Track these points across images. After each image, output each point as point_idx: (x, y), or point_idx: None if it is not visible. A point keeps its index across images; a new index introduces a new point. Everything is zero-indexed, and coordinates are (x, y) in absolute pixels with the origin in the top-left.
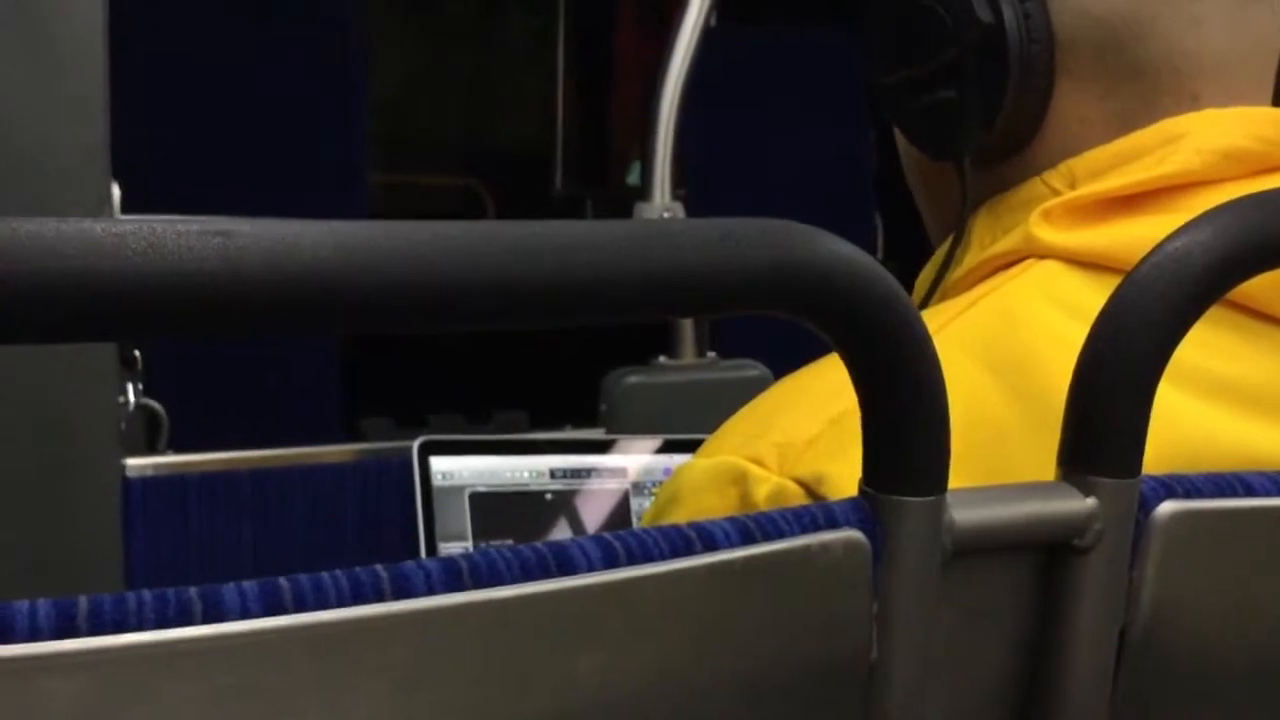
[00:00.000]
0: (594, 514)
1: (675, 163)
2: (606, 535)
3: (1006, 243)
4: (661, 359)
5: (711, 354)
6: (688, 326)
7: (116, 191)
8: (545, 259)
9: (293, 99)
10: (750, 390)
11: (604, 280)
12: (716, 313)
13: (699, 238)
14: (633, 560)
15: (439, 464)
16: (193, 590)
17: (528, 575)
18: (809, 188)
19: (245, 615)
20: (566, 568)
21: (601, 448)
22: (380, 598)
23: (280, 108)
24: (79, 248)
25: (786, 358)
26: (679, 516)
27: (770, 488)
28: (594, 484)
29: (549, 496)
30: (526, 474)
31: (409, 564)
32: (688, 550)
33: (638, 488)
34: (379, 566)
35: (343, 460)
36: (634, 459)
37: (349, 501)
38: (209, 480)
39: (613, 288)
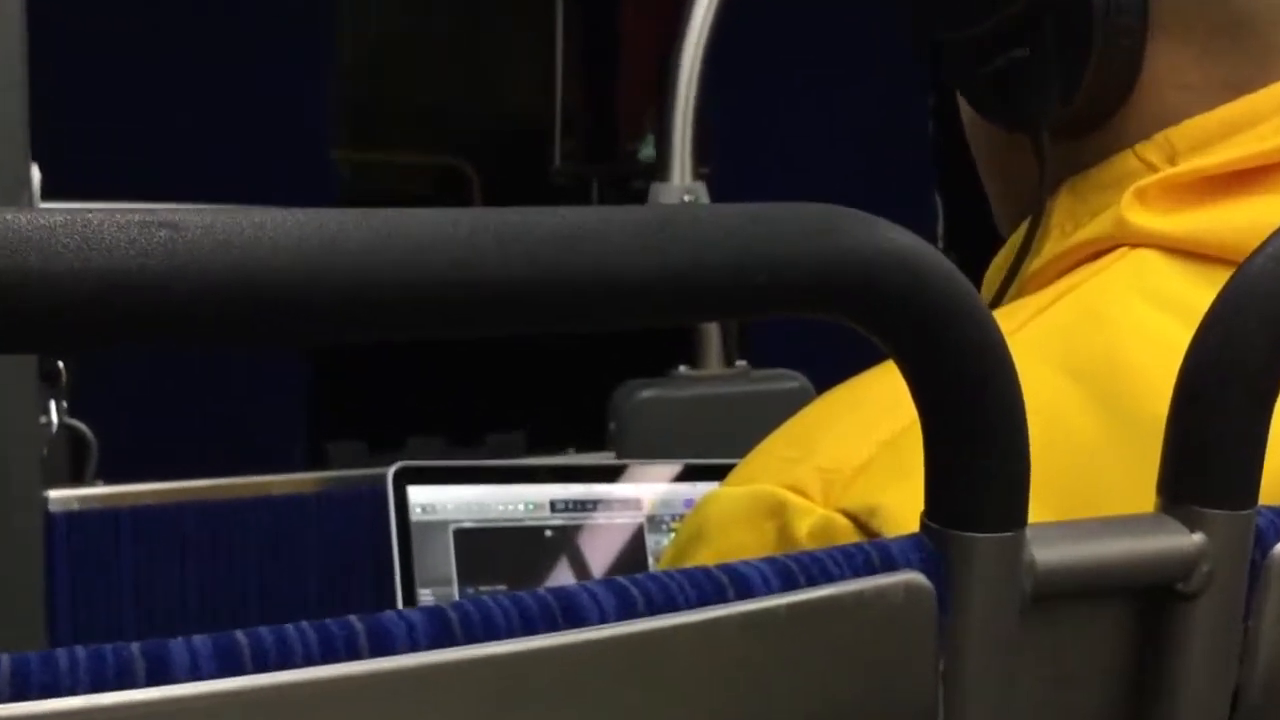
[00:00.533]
0: (603, 554)
1: (697, 135)
2: (621, 580)
3: (1092, 229)
4: (682, 369)
5: (742, 363)
6: (713, 331)
7: (36, 174)
8: (542, 252)
9: (246, 63)
10: (788, 406)
11: (613, 277)
12: (748, 315)
13: (726, 225)
14: (653, 609)
15: (418, 495)
16: (134, 647)
17: (529, 627)
18: (855, 165)
19: (197, 676)
20: (575, 618)
21: (611, 475)
22: (355, 654)
23: (231, 74)
24: None
25: (831, 367)
26: (706, 557)
27: (814, 522)
28: (602, 518)
29: (549, 534)
30: (522, 507)
31: (388, 614)
32: (718, 597)
33: (654, 523)
34: (353, 618)
35: (305, 491)
36: (649, 488)
37: (312, 540)
38: (145, 515)
39: (623, 286)
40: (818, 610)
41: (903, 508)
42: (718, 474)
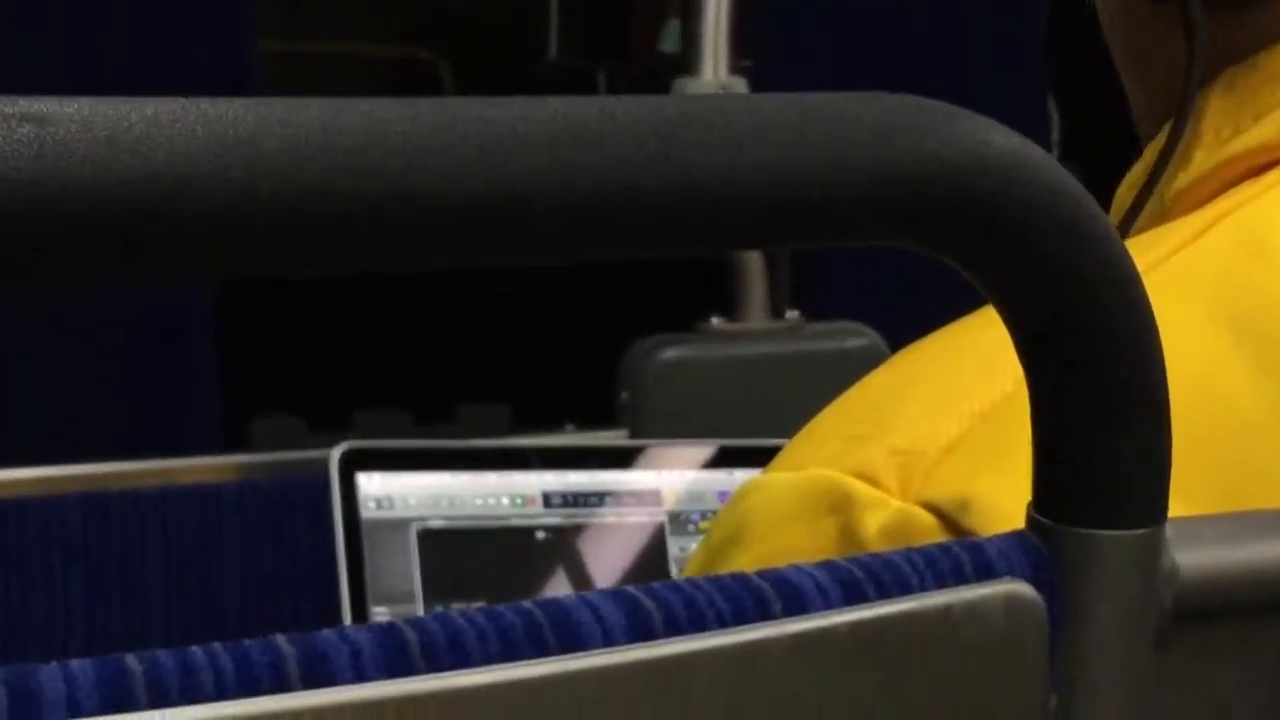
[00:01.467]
0: (611, 563)
1: (734, 19)
2: (633, 590)
3: (1257, 134)
4: (715, 322)
5: (794, 314)
6: (755, 272)
7: None
8: (514, 158)
9: None
10: (854, 368)
11: (623, 192)
12: (801, 241)
13: (773, 121)
14: (675, 629)
15: (371, 485)
16: None
17: (511, 652)
18: (942, 55)
19: (75, 713)
20: (572, 640)
21: (621, 460)
22: (282, 685)
23: None
24: None
25: (908, 319)
26: (745, 562)
27: (888, 518)
28: (610, 517)
29: (541, 536)
30: (506, 501)
31: (327, 634)
32: (761, 613)
33: (678, 522)
34: (281, 638)
35: (223, 479)
36: (672, 477)
37: (230, 540)
38: (18, 508)
39: (636, 204)
40: (890, 631)
41: (1003, 499)
42: (761, 458)
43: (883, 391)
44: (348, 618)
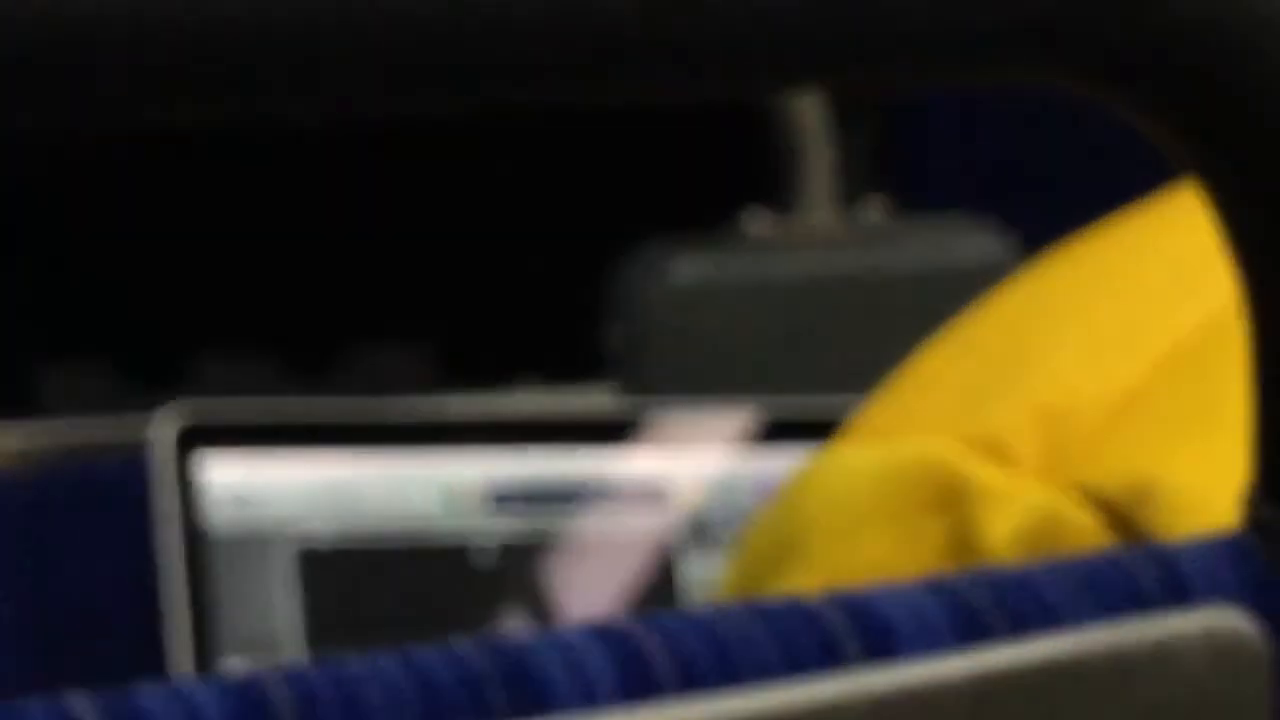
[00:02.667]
0: (591, 596)
1: None
2: (624, 625)
3: None
4: (754, 217)
5: (876, 204)
6: (816, 135)
7: None
8: None
9: None
10: (969, 287)
11: None
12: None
13: None
14: (689, 681)
15: (225, 475)
16: None
17: (432, 714)
18: None
19: None
20: (532, 699)
21: (609, 434)
22: None
23: None
24: None
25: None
26: (806, 580)
27: (1025, 513)
28: (591, 524)
29: (482, 555)
30: (434, 501)
31: (147, 692)
32: (827, 659)
33: (697, 531)
34: (75, 697)
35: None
36: (688, 460)
37: (5, 552)
38: None
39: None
40: (1031, 688)
41: (1203, 482)
42: (825, 431)
43: (1018, 321)
44: (185, 669)
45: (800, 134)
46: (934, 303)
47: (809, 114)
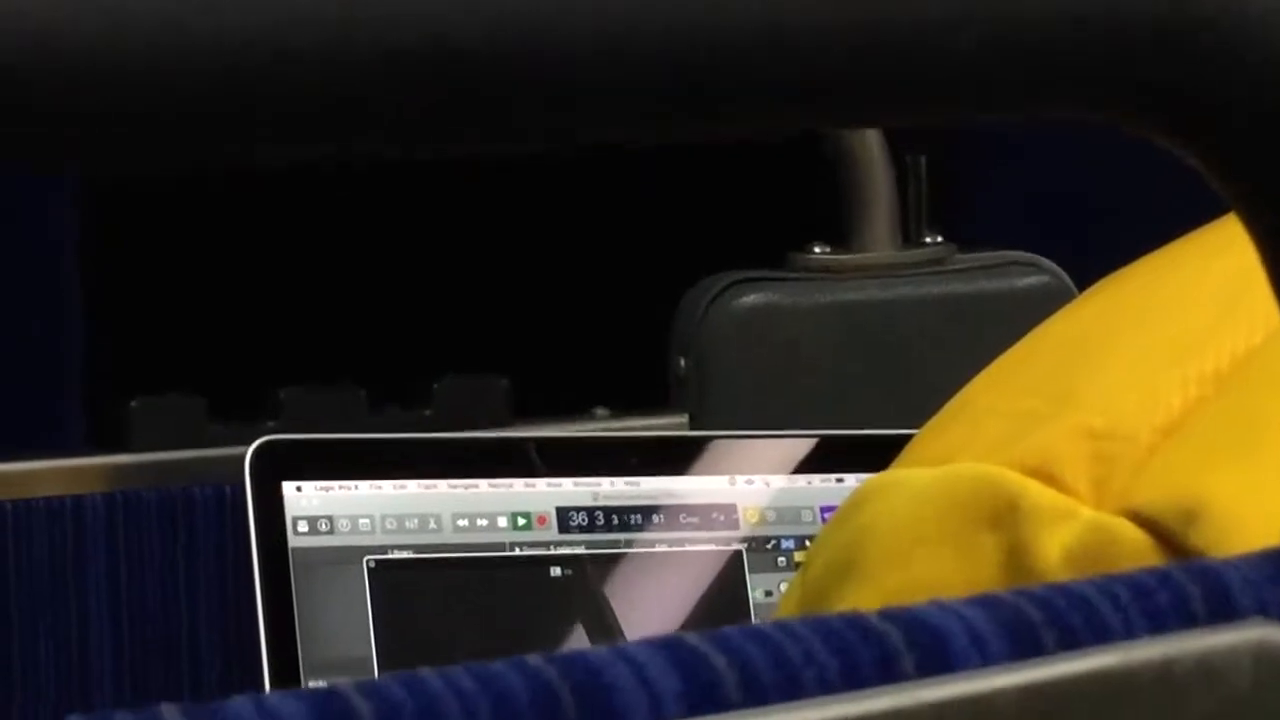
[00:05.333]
0: (661, 613)
1: None
2: (692, 640)
3: None
4: (817, 250)
5: (935, 239)
6: (878, 173)
7: None
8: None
9: None
10: (1024, 317)
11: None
12: (948, 112)
13: None
14: (755, 695)
15: (302, 498)
16: None
17: None
18: None
19: None
20: (601, 714)
21: (677, 459)
22: None
23: None
24: None
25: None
26: (863, 601)
27: (1077, 533)
28: (659, 544)
29: (555, 573)
30: (504, 521)
31: (238, 704)
32: (885, 671)
33: (762, 551)
34: (171, 709)
35: (84, 490)
36: (754, 484)
37: (99, 574)
38: None
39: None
40: (1080, 700)
41: (1252, 504)
42: (885, 454)
43: (1067, 348)
44: (268, 686)
45: (860, 170)
46: (986, 333)
47: (868, 150)
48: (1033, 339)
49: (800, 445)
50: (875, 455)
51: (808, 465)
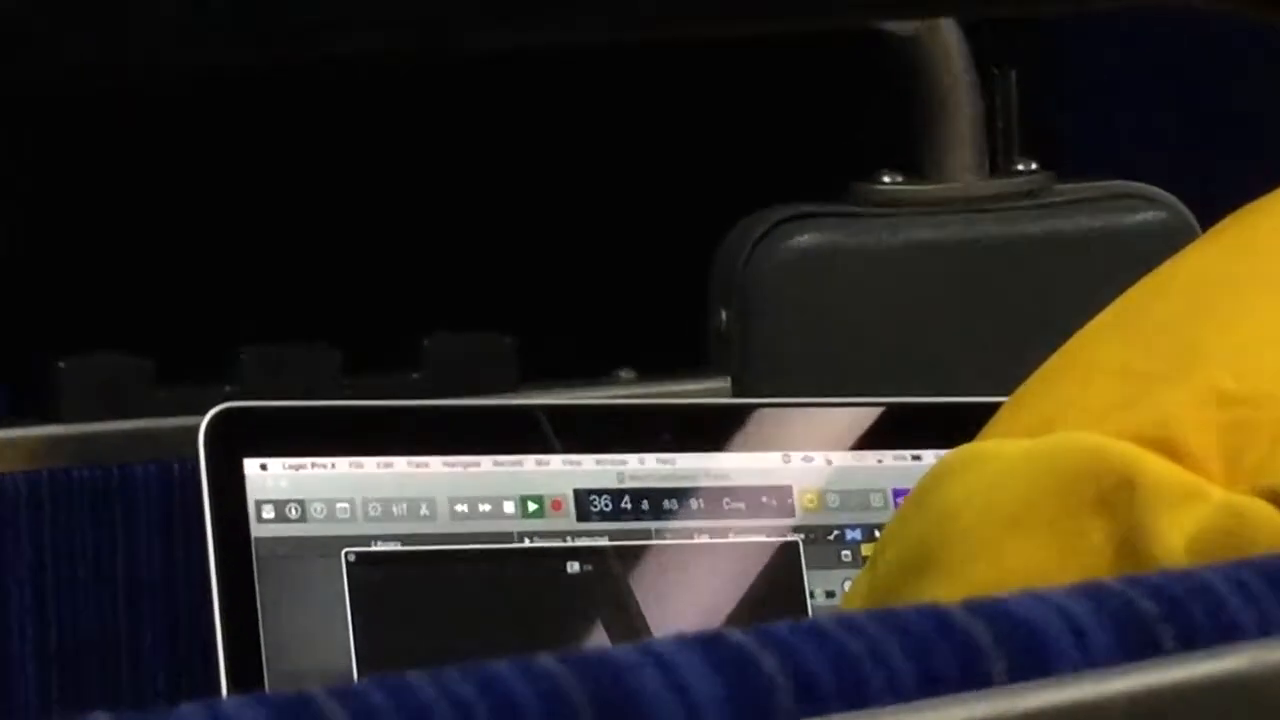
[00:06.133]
0: (697, 610)
1: None
2: (738, 637)
3: None
4: (886, 180)
5: (1028, 167)
6: (959, 92)
7: None
8: None
9: None
10: (1139, 259)
11: None
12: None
13: None
14: (814, 706)
15: (266, 478)
16: None
17: None
18: None
19: None
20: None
21: (719, 432)
22: None
23: None
24: None
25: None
26: (948, 593)
27: (1206, 517)
28: (698, 534)
29: (573, 569)
30: (511, 507)
31: (189, 711)
32: (970, 676)
33: (821, 543)
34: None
35: (3, 468)
36: (811, 462)
37: (23, 562)
38: None
39: None
40: (1202, 710)
41: None
42: (970, 426)
43: (1191, 296)
44: (223, 681)
45: (938, 84)
46: (1093, 278)
47: (949, 59)
48: (1149, 285)
49: (867, 415)
50: (958, 427)
51: (876, 439)
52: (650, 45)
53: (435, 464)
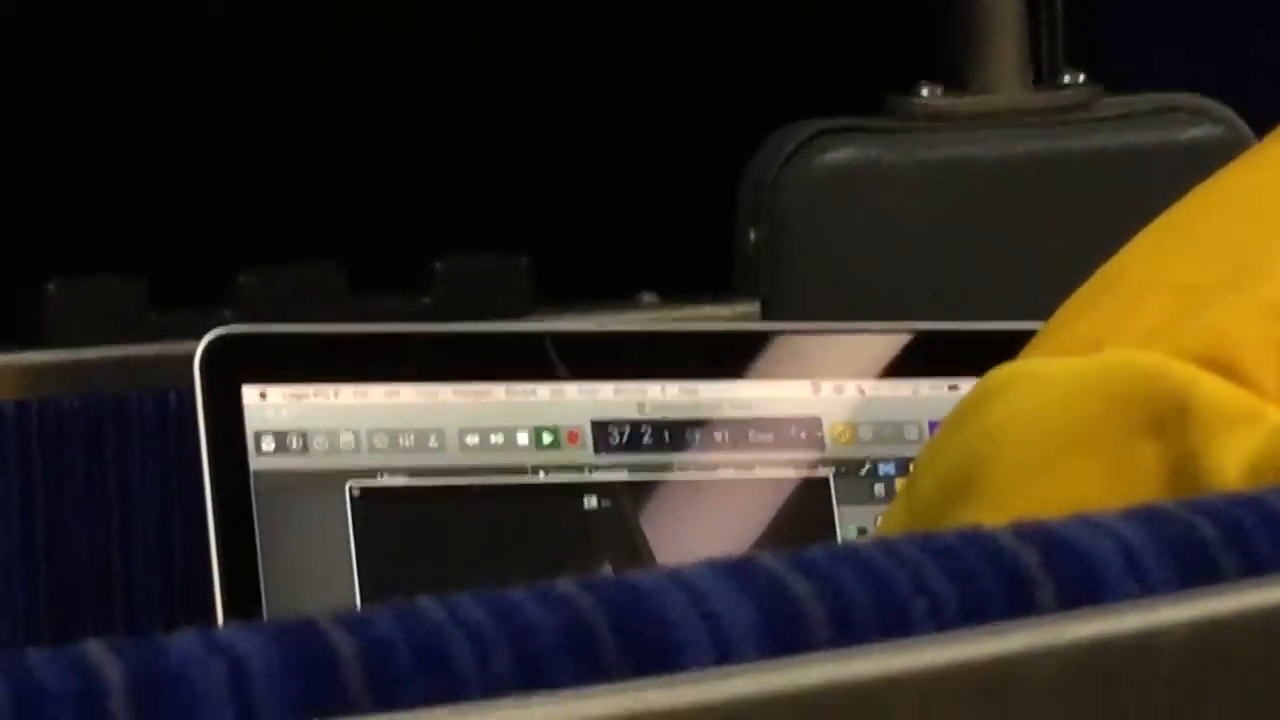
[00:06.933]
0: (721, 548)
1: None
2: (769, 561)
3: None
4: (925, 93)
5: (1075, 78)
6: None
7: None
8: None
9: None
10: (1191, 178)
11: None
12: None
13: None
14: (848, 634)
15: (266, 407)
16: None
17: (534, 678)
18: None
19: None
20: (655, 654)
21: (746, 358)
22: None
23: None
24: None
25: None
26: (989, 515)
27: (1266, 438)
28: (724, 468)
29: (590, 503)
30: (524, 438)
31: (184, 641)
32: (1016, 603)
33: (853, 478)
34: (96, 645)
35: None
36: (843, 391)
37: (5, 500)
38: None
39: None
40: (1270, 638)
41: None
42: (1007, 350)
43: (1246, 207)
44: (219, 606)
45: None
46: (1143, 196)
47: None
48: (1202, 195)
49: (901, 342)
50: (998, 355)
51: (913, 367)
52: None
53: (445, 392)
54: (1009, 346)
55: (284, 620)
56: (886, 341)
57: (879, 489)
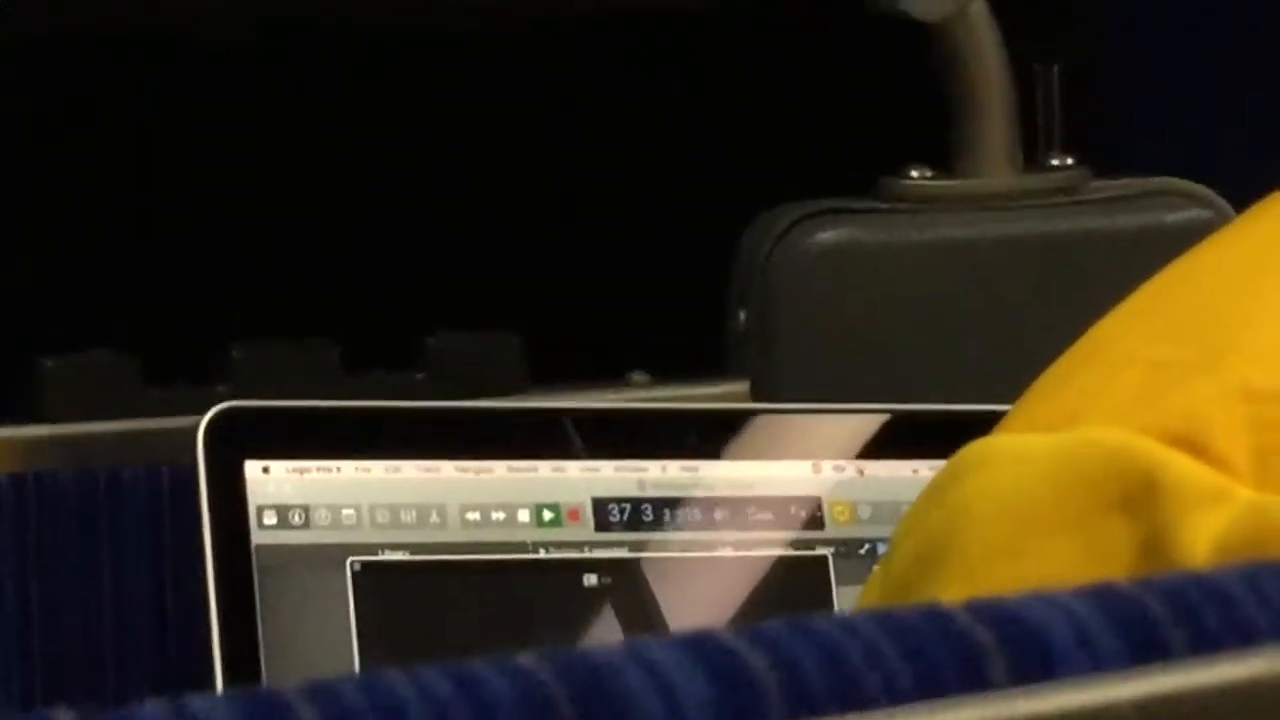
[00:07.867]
0: (721, 621)
1: None
2: (726, 639)
3: None
4: (915, 175)
5: (1064, 161)
6: (992, 73)
7: None
8: None
9: None
10: (1176, 255)
11: None
12: None
13: None
14: (804, 708)
15: (268, 482)
16: None
17: None
18: None
19: None
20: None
21: (740, 439)
22: None
23: None
24: None
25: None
26: (961, 589)
27: (1233, 518)
28: (721, 546)
29: (593, 580)
30: (525, 515)
31: (195, 704)
32: (969, 679)
33: (853, 557)
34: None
35: None
36: (839, 471)
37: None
38: None
39: None
40: (1216, 716)
41: None
42: (987, 424)
43: (1222, 284)
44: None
45: (971, 71)
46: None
47: (981, 46)
48: (1178, 271)
49: (899, 422)
50: (983, 423)
51: (910, 448)
52: (670, 30)
53: (446, 469)
54: (985, 419)
55: (251, 691)
56: (883, 422)
57: (876, 565)
